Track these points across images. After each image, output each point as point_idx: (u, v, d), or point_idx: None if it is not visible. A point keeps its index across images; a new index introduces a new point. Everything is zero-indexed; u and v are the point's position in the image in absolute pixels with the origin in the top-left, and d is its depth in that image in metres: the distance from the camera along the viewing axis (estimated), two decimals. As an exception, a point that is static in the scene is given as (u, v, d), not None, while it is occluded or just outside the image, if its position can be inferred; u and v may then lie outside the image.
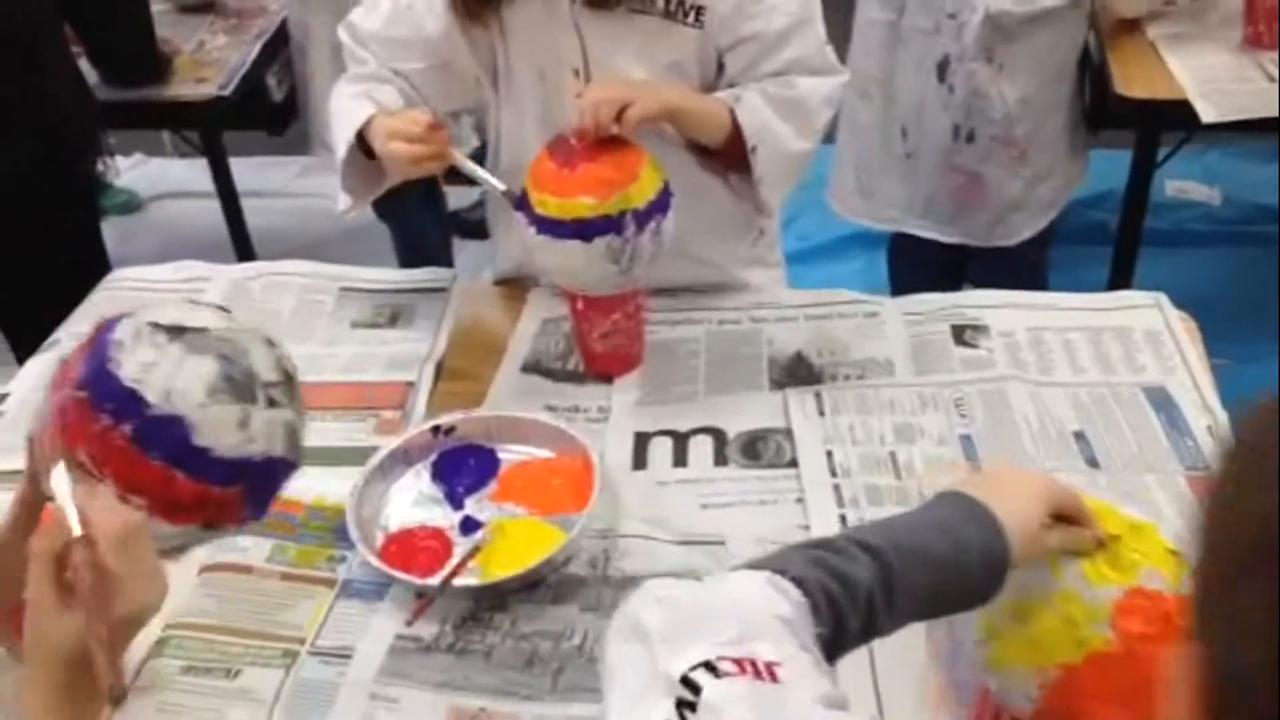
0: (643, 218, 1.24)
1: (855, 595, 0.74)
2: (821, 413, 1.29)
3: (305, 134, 2.51)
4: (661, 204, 1.26)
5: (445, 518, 1.22)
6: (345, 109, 1.37)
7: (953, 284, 2.14)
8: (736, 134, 1.32)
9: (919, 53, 1.97)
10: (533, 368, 1.43)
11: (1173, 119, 1.95)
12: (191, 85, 2.21)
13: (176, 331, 0.87)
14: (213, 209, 2.83)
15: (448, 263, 2.83)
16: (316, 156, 2.54)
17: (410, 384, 1.41)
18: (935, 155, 2.03)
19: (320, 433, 1.34)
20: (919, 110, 2.01)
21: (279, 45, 2.39)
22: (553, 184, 1.24)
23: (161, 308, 0.90)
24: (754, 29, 1.32)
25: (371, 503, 1.22)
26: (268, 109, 2.37)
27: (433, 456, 1.28)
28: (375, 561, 1.14)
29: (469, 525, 1.21)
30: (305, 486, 1.25)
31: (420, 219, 2.76)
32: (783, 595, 0.70)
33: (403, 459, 1.27)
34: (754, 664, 0.62)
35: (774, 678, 0.62)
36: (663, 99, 1.28)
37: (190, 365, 0.86)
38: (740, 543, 1.15)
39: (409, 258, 2.78)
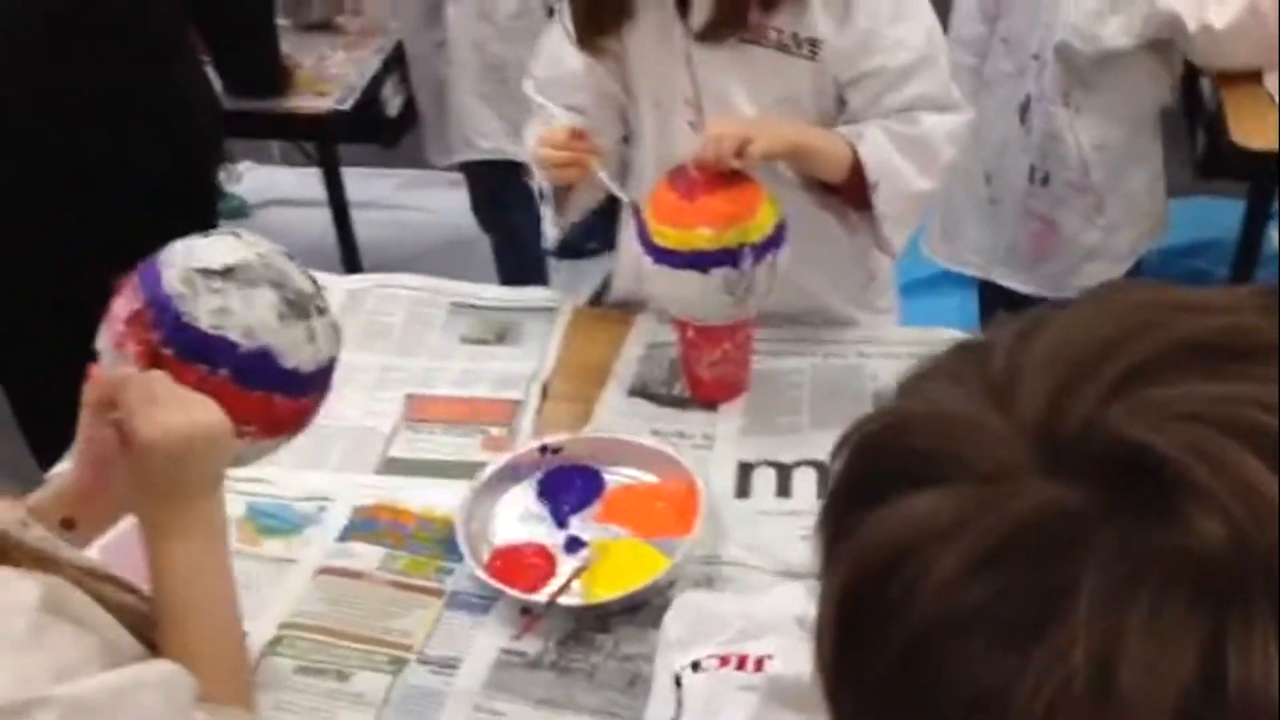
0: (759, 251, 1.26)
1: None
2: (927, 451, 1.29)
3: (421, 146, 2.58)
4: (777, 238, 1.27)
5: (550, 535, 1.24)
6: (528, 146, 1.44)
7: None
8: (858, 171, 1.32)
9: (1003, 96, 1.97)
10: (638, 391, 1.45)
11: (1289, 171, 1.92)
12: (311, 98, 2.28)
13: (227, 272, 0.92)
14: (317, 217, 2.90)
15: (545, 279, 2.88)
16: (432, 169, 2.60)
17: (518, 402, 1.44)
18: (1014, 199, 2.02)
19: (429, 445, 1.39)
20: (1001, 154, 2.00)
21: (396, 62, 2.45)
22: (672, 214, 1.26)
23: (191, 250, 0.94)
24: (877, 64, 1.32)
25: (479, 517, 1.25)
26: (383, 123, 2.43)
27: (539, 474, 1.31)
28: (483, 575, 1.16)
29: (573, 544, 1.23)
30: (414, 497, 1.30)
31: (523, 233, 2.81)
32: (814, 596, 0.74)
33: (510, 475, 1.30)
34: (741, 659, 0.66)
35: (758, 668, 0.66)
36: (785, 136, 1.29)
37: (255, 299, 0.92)
38: (843, 577, 1.16)
39: (509, 271, 2.83)
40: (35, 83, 1.75)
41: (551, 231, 1.50)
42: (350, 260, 2.61)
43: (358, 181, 3.38)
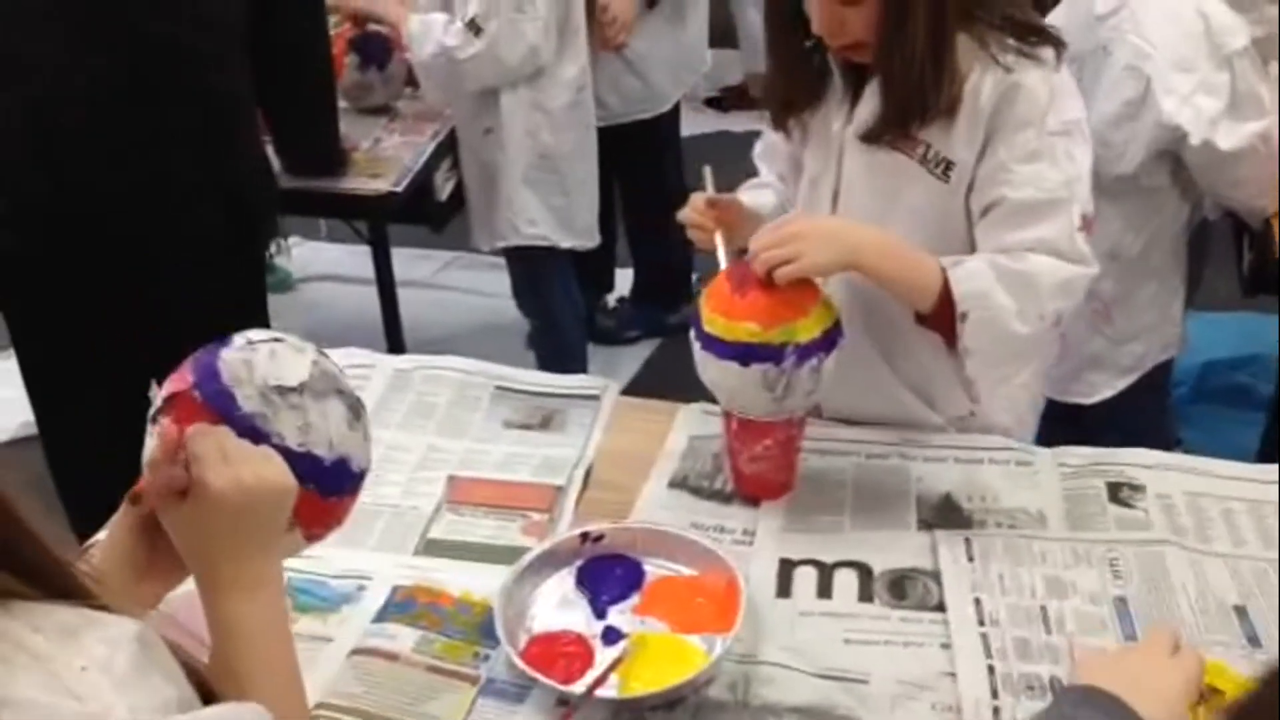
0: (804, 353, 1.26)
1: None
2: (971, 558, 1.28)
3: (467, 230, 2.63)
4: (827, 342, 1.27)
5: (588, 625, 1.23)
6: None
7: (1074, 430, 2.11)
8: (946, 301, 1.27)
9: None
10: (680, 484, 1.44)
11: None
12: (366, 180, 2.33)
13: (299, 389, 0.92)
14: (359, 293, 2.95)
15: (583, 364, 2.90)
16: (477, 252, 2.64)
17: (559, 488, 1.44)
18: None
19: (470, 528, 1.39)
20: None
21: (448, 147, 2.51)
22: (722, 304, 1.27)
23: (250, 365, 0.92)
24: (1001, 194, 1.29)
25: (517, 602, 1.24)
26: (433, 206, 2.48)
27: (579, 562, 1.30)
28: (520, 663, 1.15)
29: (611, 635, 1.22)
30: (453, 579, 1.29)
31: (561, 320, 2.84)
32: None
33: (550, 562, 1.29)
34: None
35: None
36: (840, 257, 1.27)
37: (329, 411, 0.93)
38: (883, 682, 1.14)
39: (547, 355, 2.85)
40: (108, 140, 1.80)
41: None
42: (394, 337, 2.63)
43: (402, 260, 3.45)
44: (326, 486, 0.92)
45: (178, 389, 0.90)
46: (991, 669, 1.14)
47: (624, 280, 3.48)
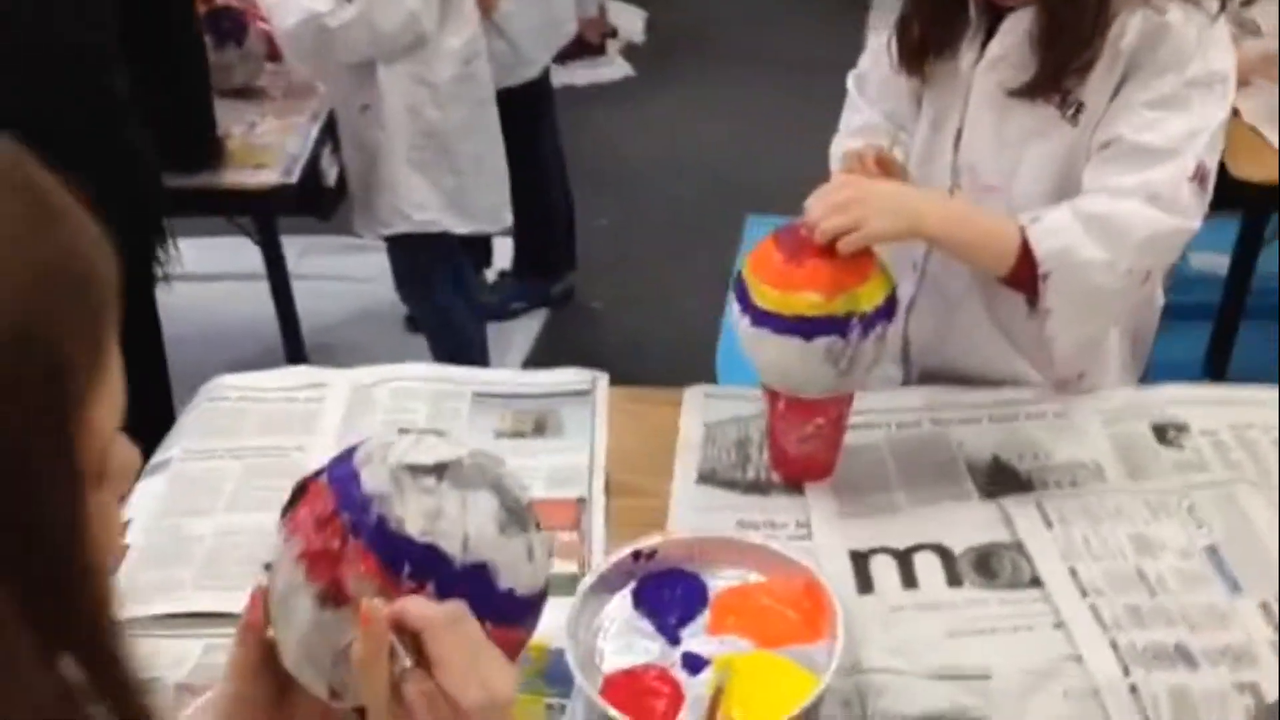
0: (869, 322, 1.15)
1: None
2: (1049, 525, 1.21)
3: (348, 216, 2.41)
4: (888, 310, 1.17)
5: (663, 654, 1.10)
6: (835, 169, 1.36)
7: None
8: (1025, 260, 1.19)
9: None
10: (709, 479, 1.32)
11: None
12: (251, 171, 2.09)
13: (440, 469, 0.76)
14: (243, 290, 2.70)
15: (485, 357, 2.73)
16: (370, 236, 2.43)
17: (580, 500, 1.30)
18: None
19: (495, 559, 1.23)
20: None
21: (330, 128, 2.29)
22: (776, 275, 1.15)
23: (385, 444, 0.78)
24: (1119, 133, 1.20)
25: (584, 640, 1.10)
26: (320, 193, 2.26)
27: (632, 584, 1.17)
28: (612, 711, 1.01)
29: (693, 662, 1.09)
30: (496, 622, 1.14)
31: (455, 318, 2.65)
32: None
33: (602, 587, 1.15)
34: None
35: None
36: (900, 226, 1.17)
37: (472, 505, 0.75)
38: (1006, 675, 1.06)
39: (441, 351, 2.66)
40: None
41: None
42: (292, 338, 2.41)
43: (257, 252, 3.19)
44: (454, 596, 0.72)
45: (313, 478, 0.74)
46: (1114, 644, 1.07)
47: (503, 252, 3.31)
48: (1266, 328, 2.51)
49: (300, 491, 0.74)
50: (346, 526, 0.71)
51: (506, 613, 0.75)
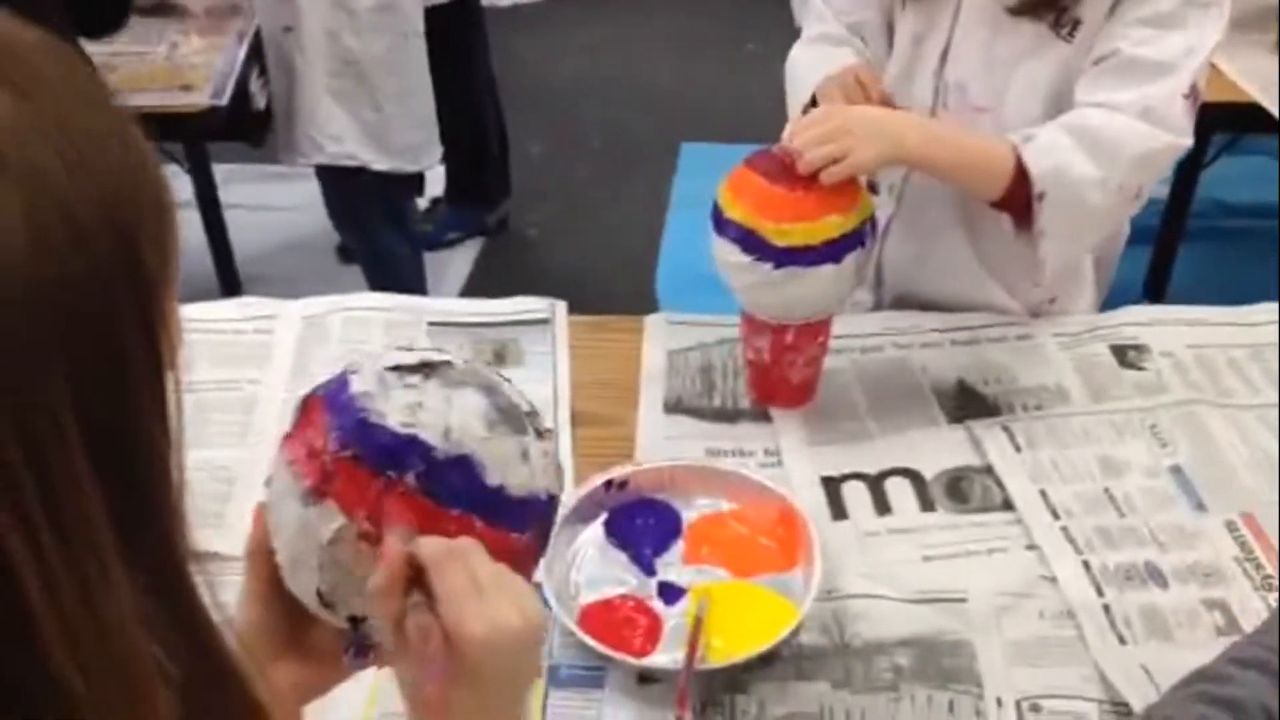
0: (874, 222, 1.18)
1: (1247, 715, 0.73)
2: (1018, 448, 1.21)
3: (274, 142, 2.32)
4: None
5: (639, 584, 1.09)
6: (799, 77, 1.32)
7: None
8: (1019, 181, 1.17)
9: None
10: (675, 407, 1.30)
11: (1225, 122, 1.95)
12: (178, 93, 1.99)
13: (426, 368, 0.73)
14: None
15: (421, 276, 2.67)
16: (288, 165, 2.34)
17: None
18: None
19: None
20: None
21: (258, 49, 2.19)
22: (791, 209, 1.12)
23: (379, 355, 0.75)
24: (1115, 48, 1.17)
25: (557, 571, 1.08)
26: (250, 118, 2.16)
27: (604, 515, 1.15)
28: (592, 643, 1.00)
29: (669, 592, 1.08)
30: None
31: (391, 252, 2.58)
32: None
33: (574, 518, 1.13)
34: None
35: None
36: (885, 151, 1.14)
37: (458, 399, 0.72)
38: (982, 597, 1.06)
39: (377, 274, 2.60)
40: None
41: None
42: (225, 269, 2.32)
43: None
44: (437, 486, 0.69)
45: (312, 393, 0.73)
46: (1086, 565, 1.08)
47: (435, 179, 3.23)
48: (1202, 249, 2.57)
49: (300, 408, 0.72)
50: (331, 426, 0.69)
51: (497, 510, 0.71)
